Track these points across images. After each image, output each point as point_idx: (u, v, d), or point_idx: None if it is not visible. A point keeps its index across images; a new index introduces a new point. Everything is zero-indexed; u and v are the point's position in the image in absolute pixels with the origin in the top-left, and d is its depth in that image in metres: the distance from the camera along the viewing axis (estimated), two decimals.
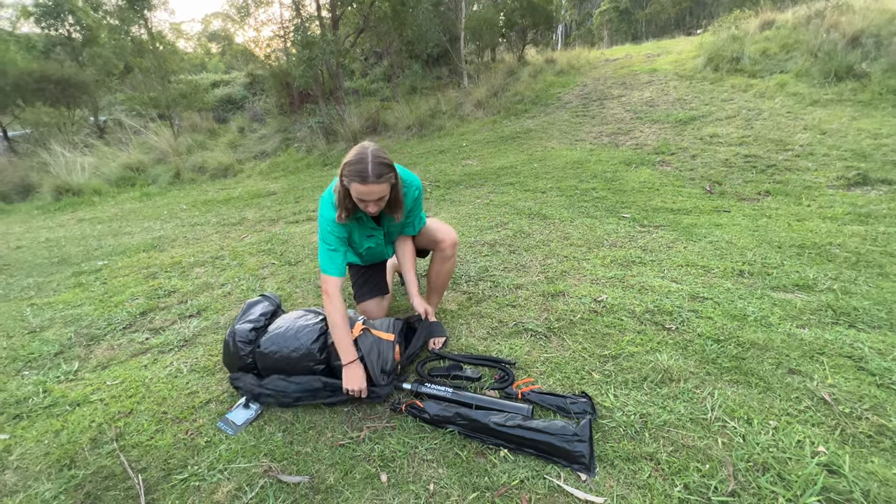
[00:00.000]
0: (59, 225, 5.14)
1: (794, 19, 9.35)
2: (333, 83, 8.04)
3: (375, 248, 1.82)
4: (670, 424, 1.32)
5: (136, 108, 10.86)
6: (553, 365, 1.64)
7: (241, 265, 2.91)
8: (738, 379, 1.50)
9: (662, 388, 1.48)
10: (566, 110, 7.94)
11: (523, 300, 2.12)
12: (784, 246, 2.56)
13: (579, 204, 3.58)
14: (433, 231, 1.83)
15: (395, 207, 1.56)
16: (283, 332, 1.54)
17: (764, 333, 1.73)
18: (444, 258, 1.83)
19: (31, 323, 2.35)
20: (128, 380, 1.75)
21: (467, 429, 1.30)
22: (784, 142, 4.60)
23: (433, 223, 1.87)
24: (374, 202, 1.45)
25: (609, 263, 2.47)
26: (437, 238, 1.82)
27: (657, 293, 2.09)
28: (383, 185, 1.41)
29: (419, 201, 1.74)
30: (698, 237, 2.78)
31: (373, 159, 1.38)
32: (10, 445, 1.44)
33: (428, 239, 1.85)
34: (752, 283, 2.17)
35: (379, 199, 1.45)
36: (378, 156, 1.40)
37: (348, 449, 1.31)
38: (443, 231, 1.83)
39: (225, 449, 1.34)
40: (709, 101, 6.70)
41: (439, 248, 1.83)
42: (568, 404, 1.38)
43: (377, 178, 1.38)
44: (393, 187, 1.48)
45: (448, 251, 1.82)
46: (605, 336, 1.79)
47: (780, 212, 3.15)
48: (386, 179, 1.41)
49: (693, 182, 4.00)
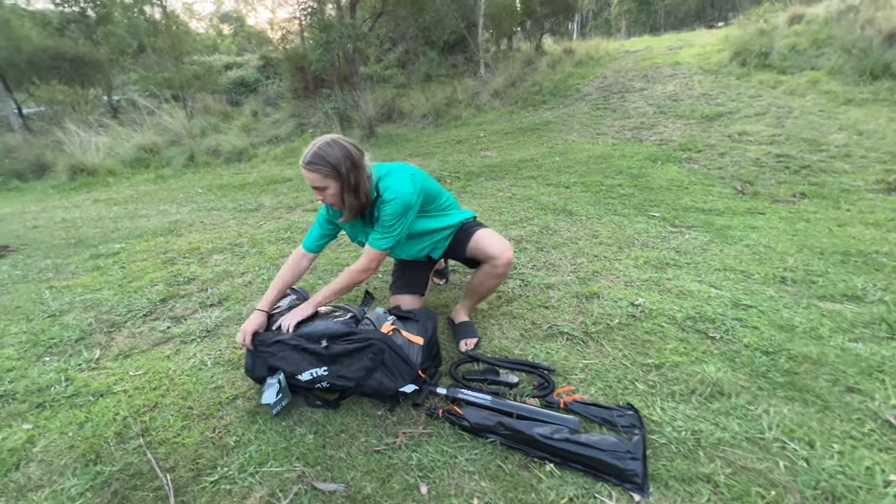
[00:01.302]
0: (74, 205, 5.12)
1: (825, 14, 9.03)
2: (349, 68, 7.89)
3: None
4: (725, 443, 1.24)
5: (149, 89, 10.79)
6: (593, 372, 1.56)
7: (260, 253, 2.86)
8: (793, 396, 1.41)
9: (713, 402, 1.40)
10: (586, 102, 7.76)
11: (556, 301, 2.04)
12: (826, 253, 2.44)
13: (606, 201, 3.47)
14: (487, 245, 1.66)
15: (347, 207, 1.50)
16: None
17: (816, 347, 1.64)
18: (495, 275, 1.68)
19: (51, 306, 2.31)
20: (151, 371, 1.71)
21: (510, 440, 1.24)
22: (818, 142, 4.43)
23: (487, 235, 1.70)
24: (315, 191, 1.47)
25: (642, 265, 2.38)
26: (491, 253, 1.64)
27: (697, 299, 2.00)
28: (313, 174, 1.41)
29: (386, 216, 1.50)
30: (734, 240, 2.67)
31: (316, 147, 1.41)
32: (33, 436, 1.40)
33: (480, 251, 1.68)
34: (796, 291, 2.07)
35: (318, 190, 1.45)
36: (322, 147, 1.41)
37: (384, 456, 1.25)
38: (498, 247, 1.65)
39: (255, 450, 1.29)
40: (736, 97, 6.50)
41: (492, 265, 1.66)
42: (615, 417, 1.31)
43: (306, 165, 1.41)
44: (340, 187, 1.44)
45: (500, 269, 1.65)
46: (646, 343, 1.71)
47: (818, 216, 3.02)
48: (315, 170, 1.40)
49: (723, 181, 3.87)
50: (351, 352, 1.38)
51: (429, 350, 1.47)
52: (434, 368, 1.53)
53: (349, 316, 1.50)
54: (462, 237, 1.74)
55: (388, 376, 1.38)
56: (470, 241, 1.71)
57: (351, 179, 1.44)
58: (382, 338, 1.39)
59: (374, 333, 1.40)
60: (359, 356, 1.38)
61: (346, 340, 1.39)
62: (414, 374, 1.40)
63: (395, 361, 1.38)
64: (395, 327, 1.46)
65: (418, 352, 1.44)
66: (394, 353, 1.38)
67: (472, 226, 1.77)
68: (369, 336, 1.39)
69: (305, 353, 1.41)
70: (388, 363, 1.38)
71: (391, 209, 1.50)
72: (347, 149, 1.43)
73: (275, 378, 1.44)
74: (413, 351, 1.43)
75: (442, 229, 1.73)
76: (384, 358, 1.38)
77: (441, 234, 1.74)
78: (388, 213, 1.51)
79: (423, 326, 1.51)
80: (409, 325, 1.51)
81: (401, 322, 1.52)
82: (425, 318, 1.57)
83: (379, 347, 1.37)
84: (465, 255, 1.75)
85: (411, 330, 1.49)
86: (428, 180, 1.68)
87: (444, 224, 1.73)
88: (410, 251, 1.76)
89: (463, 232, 1.76)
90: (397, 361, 1.38)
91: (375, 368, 1.38)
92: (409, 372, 1.39)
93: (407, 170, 1.58)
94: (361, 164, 1.47)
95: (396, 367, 1.38)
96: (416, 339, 1.46)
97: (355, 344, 1.39)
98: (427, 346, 1.46)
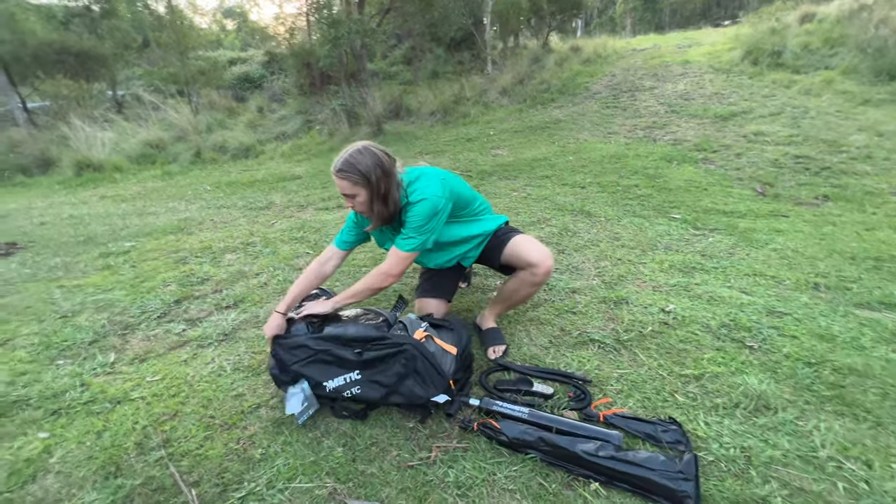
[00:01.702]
0: (81, 201, 5.06)
1: (837, 12, 8.91)
2: (357, 65, 7.81)
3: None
4: (777, 462, 1.18)
5: (154, 84, 10.72)
6: (629, 383, 1.50)
7: (274, 253, 2.80)
8: (842, 411, 1.35)
9: (759, 416, 1.34)
10: (595, 101, 7.67)
11: (583, 306, 1.97)
12: (858, 258, 2.38)
13: (624, 202, 3.40)
14: (526, 251, 1.58)
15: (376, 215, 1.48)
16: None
17: (860, 358, 1.58)
18: (533, 283, 1.60)
19: (62, 307, 2.26)
20: (169, 376, 1.65)
21: (551, 456, 1.18)
22: (837, 143, 4.35)
23: (526, 241, 1.62)
24: (346, 198, 1.45)
25: (668, 269, 2.32)
26: (531, 260, 1.56)
27: (729, 305, 1.94)
28: (343, 182, 1.40)
29: (413, 218, 1.45)
30: (759, 243, 2.61)
31: (347, 155, 1.39)
32: (50, 446, 1.35)
33: (518, 258, 1.61)
34: (831, 298, 2.01)
35: (349, 197, 1.43)
36: (353, 155, 1.39)
37: (419, 472, 1.19)
38: (538, 254, 1.56)
39: (283, 464, 1.23)
40: (748, 96, 6.41)
41: (531, 273, 1.58)
42: (658, 432, 1.25)
43: (337, 172, 1.40)
44: (370, 196, 1.42)
45: (539, 277, 1.57)
46: (682, 352, 1.64)
47: (843, 219, 2.95)
48: (345, 177, 1.39)
49: (741, 182, 3.80)
50: (384, 357, 1.33)
51: (462, 361, 1.41)
52: (465, 379, 1.47)
53: (381, 320, 1.45)
54: (495, 244, 1.67)
55: (420, 384, 1.32)
56: (505, 247, 1.63)
57: (381, 188, 1.41)
58: (415, 344, 1.33)
59: (406, 339, 1.34)
60: (391, 361, 1.33)
61: (378, 345, 1.34)
62: (445, 383, 1.34)
63: (428, 370, 1.32)
64: (429, 334, 1.40)
65: (451, 361, 1.37)
66: (426, 361, 1.32)
67: (506, 232, 1.70)
68: (402, 342, 1.33)
69: (335, 358, 1.36)
70: (420, 370, 1.32)
71: (419, 210, 1.45)
72: (378, 156, 1.40)
73: (297, 387, 1.39)
74: (446, 360, 1.37)
75: (474, 237, 1.66)
76: (416, 365, 1.32)
77: (473, 241, 1.67)
78: (416, 215, 1.46)
79: (457, 335, 1.45)
80: (442, 334, 1.45)
81: (434, 329, 1.46)
82: (460, 327, 1.51)
83: (411, 354, 1.32)
84: (500, 263, 1.68)
85: (445, 338, 1.43)
86: (461, 184, 1.63)
87: (477, 231, 1.67)
88: (439, 260, 1.70)
89: (496, 239, 1.68)
90: (429, 370, 1.32)
91: (407, 375, 1.32)
92: (440, 381, 1.33)
93: (438, 174, 1.52)
94: (392, 172, 1.44)
95: (429, 376, 1.32)
96: (449, 348, 1.40)
97: (387, 350, 1.33)
98: (460, 356, 1.40)
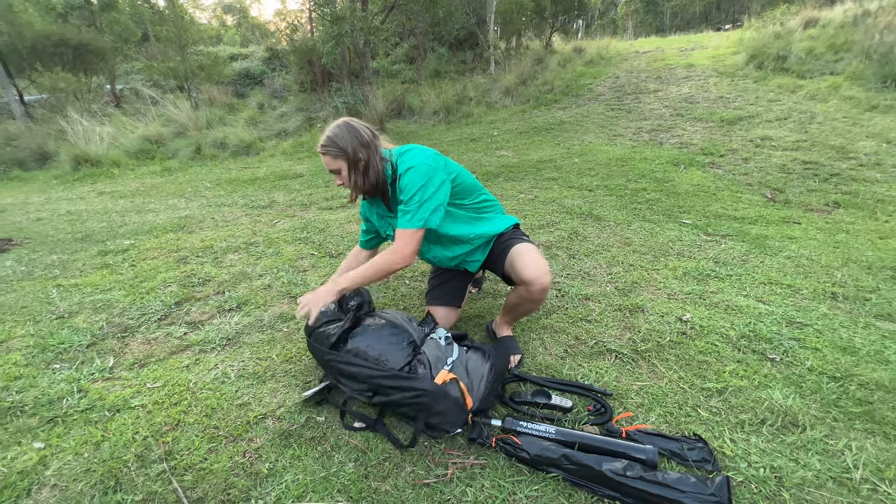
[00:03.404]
0: (79, 197, 4.98)
1: (841, 18, 8.90)
2: (360, 62, 7.74)
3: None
4: (810, 484, 1.13)
5: (153, 78, 10.61)
6: (650, 396, 1.45)
7: (277, 254, 2.73)
8: (873, 429, 1.30)
9: (787, 434, 1.29)
10: (599, 103, 7.63)
11: (598, 315, 1.92)
12: (874, 267, 2.34)
13: (632, 206, 3.36)
14: (521, 267, 1.47)
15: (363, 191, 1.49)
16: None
17: (885, 372, 1.53)
18: (530, 300, 1.52)
19: (59, 307, 2.19)
20: (170, 382, 1.59)
21: (575, 475, 1.12)
22: (846, 149, 4.32)
23: (523, 254, 1.49)
24: (336, 176, 1.46)
25: (682, 276, 2.27)
26: (524, 278, 1.45)
27: (747, 315, 1.89)
28: (326, 157, 1.42)
29: (408, 186, 1.38)
30: (773, 251, 2.56)
31: (329, 131, 1.42)
32: (45, 456, 1.28)
33: (514, 272, 1.51)
34: (850, 309, 1.96)
35: (338, 174, 1.44)
36: (334, 129, 1.42)
37: (435, 490, 1.14)
38: (532, 271, 1.44)
39: (292, 480, 1.17)
40: (754, 100, 6.38)
41: (526, 289, 1.48)
42: (684, 450, 1.20)
43: (320, 148, 1.43)
44: (353, 170, 1.42)
45: (535, 295, 1.47)
46: (702, 364, 1.59)
47: (856, 227, 2.91)
48: (326, 152, 1.41)
49: (751, 188, 3.76)
50: (398, 403, 1.27)
51: (486, 400, 1.31)
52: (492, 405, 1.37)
53: (406, 343, 1.35)
54: (499, 251, 1.58)
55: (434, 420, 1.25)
56: (506, 257, 1.54)
57: (360, 157, 1.41)
58: (435, 392, 1.23)
59: (427, 385, 1.24)
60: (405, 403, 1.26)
61: (394, 387, 1.26)
62: (463, 421, 1.26)
63: (443, 413, 1.24)
64: (455, 376, 1.29)
65: (480, 396, 1.30)
66: (446, 404, 1.24)
67: (509, 238, 1.59)
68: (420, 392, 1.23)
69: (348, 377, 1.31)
70: (434, 413, 1.24)
71: (410, 179, 1.38)
72: (356, 129, 1.42)
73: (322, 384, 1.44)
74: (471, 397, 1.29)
75: (475, 238, 1.57)
76: (429, 413, 1.24)
77: (475, 242, 1.59)
78: (408, 185, 1.38)
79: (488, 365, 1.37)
80: (471, 362, 1.37)
81: (468, 354, 1.39)
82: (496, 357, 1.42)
83: (426, 404, 1.23)
84: (503, 272, 1.60)
85: (474, 366, 1.35)
86: (461, 169, 1.55)
87: (480, 231, 1.58)
88: (439, 254, 1.62)
89: (499, 245, 1.59)
90: (445, 414, 1.24)
91: (416, 418, 1.25)
92: (460, 419, 1.26)
93: (430, 150, 1.47)
94: (372, 143, 1.43)
95: (446, 416, 1.24)
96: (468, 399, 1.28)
97: (402, 394, 1.25)
98: (486, 396, 1.31)
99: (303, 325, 1.90)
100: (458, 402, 1.24)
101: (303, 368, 1.63)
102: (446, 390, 1.24)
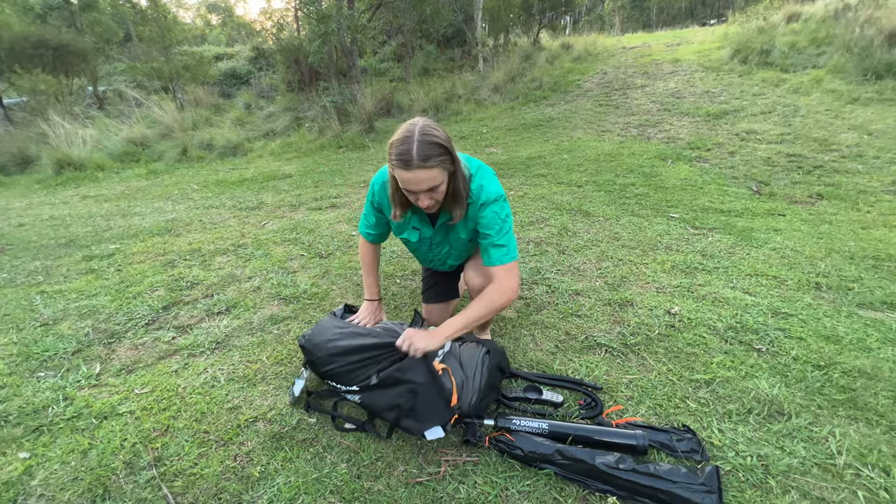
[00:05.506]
0: (62, 201, 4.88)
1: (823, 12, 9.04)
2: (347, 61, 7.68)
3: (420, 250, 1.56)
4: (795, 471, 1.15)
5: (137, 79, 10.43)
6: (639, 389, 1.46)
7: (266, 255, 2.71)
8: (856, 415, 1.33)
9: (773, 423, 1.31)
10: (587, 99, 7.67)
11: (588, 309, 1.94)
12: (857, 257, 2.38)
13: (621, 201, 3.38)
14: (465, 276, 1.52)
15: (452, 202, 1.27)
16: None
17: (868, 360, 1.56)
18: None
19: (43, 314, 2.15)
20: (158, 388, 1.57)
21: (568, 470, 1.13)
22: (828, 141, 4.39)
23: (471, 265, 1.55)
24: (424, 193, 1.19)
25: (670, 269, 2.29)
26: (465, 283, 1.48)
27: (734, 307, 1.92)
28: (432, 170, 1.13)
29: (493, 220, 1.30)
30: (758, 243, 2.60)
31: (419, 137, 1.11)
32: (31, 466, 1.26)
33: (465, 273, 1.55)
34: (833, 298, 2.00)
35: (431, 191, 1.18)
36: (427, 133, 1.12)
37: (428, 488, 1.14)
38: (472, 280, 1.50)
39: (283, 482, 1.17)
40: (739, 94, 6.46)
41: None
42: (673, 441, 1.21)
43: (423, 162, 1.11)
44: (452, 176, 1.20)
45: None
46: (691, 356, 1.61)
47: (839, 218, 2.96)
48: (436, 163, 1.13)
49: (736, 181, 3.81)
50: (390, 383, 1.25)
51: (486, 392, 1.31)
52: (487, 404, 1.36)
53: None
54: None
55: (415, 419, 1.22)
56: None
57: (460, 166, 1.23)
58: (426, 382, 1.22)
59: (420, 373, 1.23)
60: (395, 387, 1.25)
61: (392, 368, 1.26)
62: (446, 418, 1.22)
63: (431, 405, 1.22)
64: (446, 367, 1.29)
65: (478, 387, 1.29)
66: (433, 394, 1.22)
67: None
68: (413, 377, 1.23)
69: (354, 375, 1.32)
70: (419, 406, 1.22)
71: (496, 210, 1.31)
72: (444, 131, 1.19)
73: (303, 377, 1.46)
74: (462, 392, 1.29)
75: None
76: (417, 401, 1.22)
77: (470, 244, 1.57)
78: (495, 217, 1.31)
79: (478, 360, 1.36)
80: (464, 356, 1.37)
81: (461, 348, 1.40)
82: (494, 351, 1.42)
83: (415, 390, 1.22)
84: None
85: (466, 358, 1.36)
86: None
87: None
88: (423, 257, 1.63)
89: None
90: (432, 406, 1.22)
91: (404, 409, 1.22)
92: (442, 415, 1.21)
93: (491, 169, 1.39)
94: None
95: (430, 410, 1.22)
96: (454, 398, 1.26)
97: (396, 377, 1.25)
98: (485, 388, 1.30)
99: (294, 329, 1.90)
100: (444, 396, 1.24)
101: (293, 371, 1.62)
102: (441, 379, 1.25)
